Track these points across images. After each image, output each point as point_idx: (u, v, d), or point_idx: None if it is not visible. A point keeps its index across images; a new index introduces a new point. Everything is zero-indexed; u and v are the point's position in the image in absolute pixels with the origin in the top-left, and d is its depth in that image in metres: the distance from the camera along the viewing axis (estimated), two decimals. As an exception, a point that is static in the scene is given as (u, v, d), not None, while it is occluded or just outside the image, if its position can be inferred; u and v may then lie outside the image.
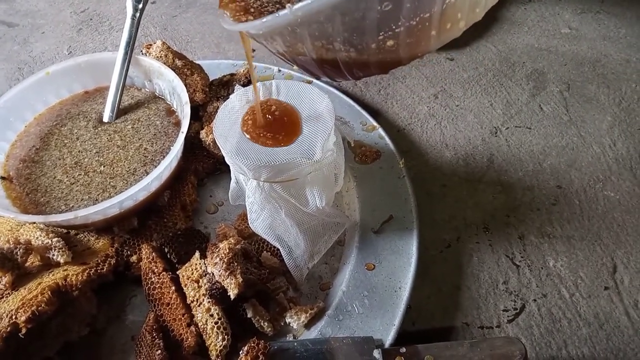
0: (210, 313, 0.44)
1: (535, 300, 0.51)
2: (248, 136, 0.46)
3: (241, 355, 0.43)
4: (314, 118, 0.47)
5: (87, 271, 0.47)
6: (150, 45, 0.64)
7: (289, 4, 0.29)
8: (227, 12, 0.37)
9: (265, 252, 0.51)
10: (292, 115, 0.48)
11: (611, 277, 0.53)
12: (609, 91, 0.73)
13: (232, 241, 0.47)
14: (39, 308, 0.42)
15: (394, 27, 0.30)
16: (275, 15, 0.30)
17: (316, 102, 0.49)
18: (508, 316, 0.50)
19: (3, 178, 0.54)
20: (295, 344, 0.44)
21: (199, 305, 0.45)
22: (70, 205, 0.52)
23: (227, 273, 0.44)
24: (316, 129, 0.46)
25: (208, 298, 0.45)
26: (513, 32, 0.84)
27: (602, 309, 0.50)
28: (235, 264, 0.45)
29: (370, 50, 0.32)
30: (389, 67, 0.35)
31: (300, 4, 0.29)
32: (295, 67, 0.45)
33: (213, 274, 0.45)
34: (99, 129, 0.59)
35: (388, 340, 0.45)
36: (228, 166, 0.49)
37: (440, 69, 0.78)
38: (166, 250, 0.50)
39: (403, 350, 0.43)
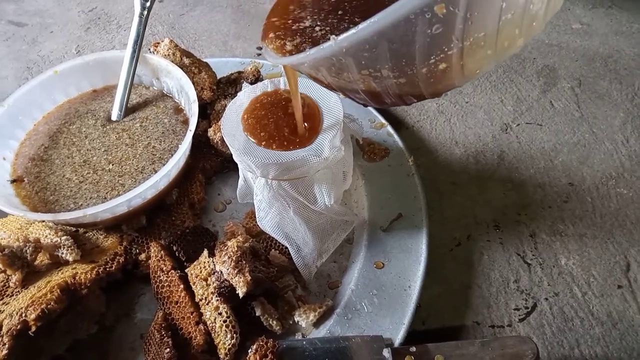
0: (219, 311, 0.44)
1: (547, 299, 0.51)
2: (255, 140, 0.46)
3: (250, 354, 0.43)
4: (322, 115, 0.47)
5: (95, 269, 0.47)
6: (158, 43, 0.64)
7: (333, 36, 0.28)
8: (269, 44, 0.36)
9: (273, 250, 0.51)
10: (313, 121, 0.47)
11: (624, 275, 0.52)
12: (622, 87, 0.72)
13: (241, 239, 0.46)
14: (49, 306, 0.42)
15: (445, 49, 0.28)
16: (319, 48, 0.29)
17: (324, 99, 0.48)
18: (519, 315, 0.50)
19: (14, 181, 0.55)
20: (304, 342, 0.44)
21: (207, 304, 0.45)
22: (79, 204, 0.52)
23: (235, 271, 0.44)
24: (325, 126, 0.46)
25: (217, 296, 0.44)
26: (523, 28, 0.83)
27: (616, 308, 0.50)
28: (244, 262, 0.45)
29: (421, 75, 0.30)
30: (442, 91, 0.33)
31: (345, 35, 0.27)
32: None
33: (221, 272, 0.45)
34: (108, 127, 0.60)
35: (397, 340, 0.45)
36: (236, 164, 0.49)
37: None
38: (174, 248, 0.50)
39: (413, 349, 0.42)
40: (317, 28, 0.35)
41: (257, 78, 0.64)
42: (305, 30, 0.36)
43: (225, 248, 0.46)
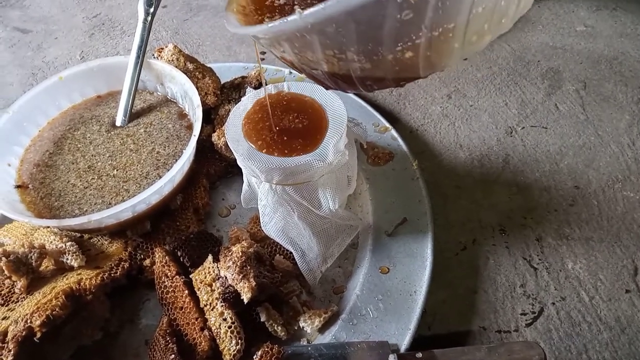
0: (224, 317, 0.44)
1: (554, 303, 0.50)
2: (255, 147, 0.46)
3: (255, 360, 0.42)
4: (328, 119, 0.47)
5: (100, 275, 0.47)
6: (162, 49, 0.64)
7: (298, 9, 0.26)
8: (233, 13, 0.35)
9: (278, 255, 0.51)
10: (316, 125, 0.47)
11: (632, 279, 0.51)
12: (627, 89, 0.71)
13: (245, 244, 0.46)
14: (53, 312, 0.42)
15: (414, 37, 0.27)
16: (283, 21, 0.27)
17: (328, 103, 0.48)
18: (526, 320, 0.49)
19: (18, 186, 0.55)
20: (310, 348, 0.44)
21: (212, 309, 0.45)
22: (84, 209, 0.52)
23: (240, 277, 0.44)
24: (329, 130, 0.46)
25: (221, 302, 0.44)
26: (527, 31, 0.83)
27: (624, 313, 0.49)
28: (248, 267, 0.44)
29: (386, 62, 0.29)
30: (405, 81, 0.33)
31: (311, 10, 0.26)
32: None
33: (226, 277, 0.45)
34: (112, 133, 0.60)
35: (403, 345, 0.44)
36: (240, 169, 0.49)
37: (453, 69, 0.77)
38: (179, 253, 0.50)
39: (419, 355, 0.42)
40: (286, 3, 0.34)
41: (260, 83, 0.64)
42: (277, 5, 0.35)
43: (230, 253, 0.45)
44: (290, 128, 0.46)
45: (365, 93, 0.72)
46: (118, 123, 0.60)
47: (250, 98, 0.50)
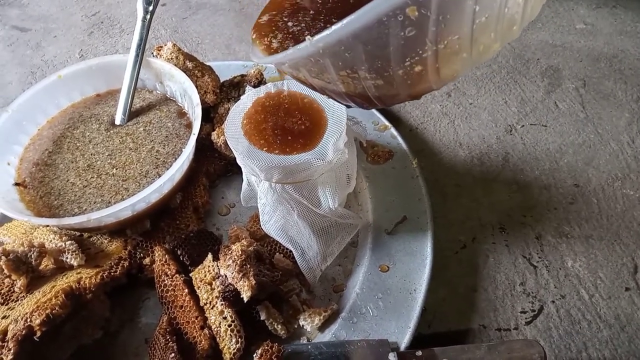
0: (224, 315, 0.44)
1: (553, 301, 0.50)
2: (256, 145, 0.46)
3: (255, 358, 0.42)
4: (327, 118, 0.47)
5: (100, 274, 0.47)
6: (161, 47, 0.64)
7: (308, 36, 0.28)
8: (257, 44, 0.37)
9: (277, 254, 0.51)
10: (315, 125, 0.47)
11: (632, 277, 0.52)
12: (627, 87, 0.71)
13: (245, 243, 0.46)
14: (53, 311, 0.42)
15: (420, 52, 0.28)
16: (296, 48, 0.29)
17: (327, 102, 0.48)
18: (526, 318, 0.49)
19: (17, 184, 0.55)
20: (310, 346, 0.44)
21: (212, 308, 0.45)
22: (84, 208, 0.52)
23: (240, 275, 0.44)
24: (328, 129, 0.46)
25: (221, 300, 0.44)
26: (526, 29, 0.83)
27: (624, 311, 0.49)
28: (248, 266, 0.44)
29: (397, 77, 0.30)
30: (419, 93, 0.33)
31: (320, 35, 0.27)
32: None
33: (226, 276, 0.45)
34: (111, 131, 0.60)
35: (403, 343, 0.44)
36: (239, 168, 0.49)
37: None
38: (179, 252, 0.50)
39: (419, 353, 0.42)
40: (304, 30, 0.36)
41: (260, 81, 0.64)
42: (291, 30, 0.36)
43: (230, 252, 0.45)
44: (290, 126, 0.46)
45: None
46: (117, 121, 0.60)
47: (249, 97, 0.50)
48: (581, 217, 0.57)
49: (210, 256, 0.48)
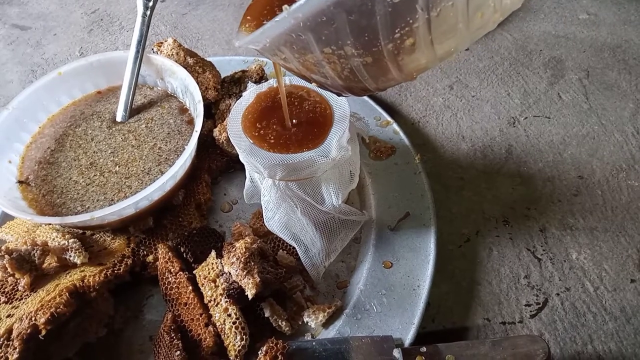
0: (228, 313, 0.44)
1: (558, 294, 0.50)
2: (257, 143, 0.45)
3: (260, 355, 0.42)
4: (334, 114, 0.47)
5: (103, 272, 0.47)
6: (162, 43, 0.64)
7: (285, 6, 0.25)
8: (242, 27, 0.35)
9: (281, 250, 0.51)
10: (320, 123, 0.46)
11: (637, 269, 0.51)
12: (631, 77, 0.71)
13: (249, 240, 0.46)
14: (58, 310, 0.42)
15: (410, 21, 0.25)
16: (273, 21, 0.26)
17: (331, 98, 0.48)
18: (530, 311, 0.49)
19: (20, 182, 0.55)
20: (314, 343, 0.44)
21: (216, 305, 0.45)
22: (86, 206, 0.52)
23: (244, 273, 0.44)
24: (332, 126, 0.46)
25: (225, 298, 0.44)
26: (529, 20, 0.82)
27: (629, 303, 0.49)
28: (252, 263, 0.44)
29: (387, 53, 0.27)
30: (413, 71, 0.30)
31: (297, 4, 0.25)
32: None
33: (230, 273, 0.45)
34: (113, 129, 0.59)
35: (408, 339, 0.44)
36: (242, 164, 0.49)
37: (454, 59, 0.76)
38: (182, 249, 0.50)
39: (423, 349, 0.42)
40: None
41: (261, 77, 0.64)
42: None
43: (234, 249, 0.45)
44: (293, 123, 0.46)
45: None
46: (119, 118, 0.60)
47: (251, 93, 0.50)
48: (585, 209, 0.56)
49: (213, 253, 0.47)
